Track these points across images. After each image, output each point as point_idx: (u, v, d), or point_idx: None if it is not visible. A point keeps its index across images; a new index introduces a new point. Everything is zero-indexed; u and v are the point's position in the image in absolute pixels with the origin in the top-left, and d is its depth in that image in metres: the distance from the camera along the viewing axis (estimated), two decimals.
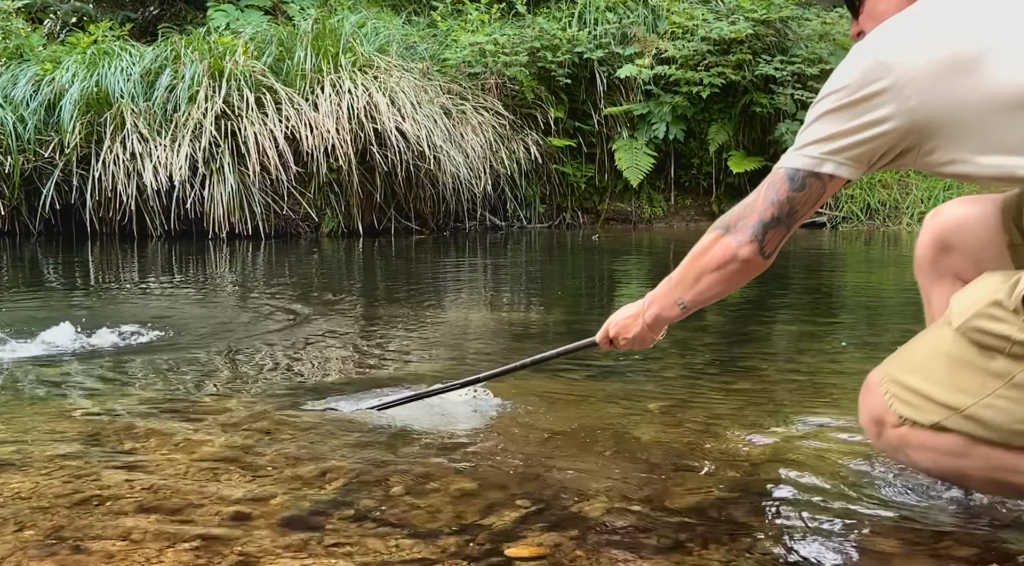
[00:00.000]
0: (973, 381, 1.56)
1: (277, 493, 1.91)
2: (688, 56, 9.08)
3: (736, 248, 1.70)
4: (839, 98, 1.56)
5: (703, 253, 1.77)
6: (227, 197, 7.93)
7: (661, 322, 1.96)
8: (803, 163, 1.62)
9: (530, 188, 9.36)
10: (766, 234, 1.67)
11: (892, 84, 1.51)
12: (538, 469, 2.12)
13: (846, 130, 1.56)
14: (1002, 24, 1.53)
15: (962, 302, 1.60)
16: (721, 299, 1.88)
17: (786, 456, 2.16)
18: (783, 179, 1.64)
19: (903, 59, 1.52)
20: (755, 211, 1.67)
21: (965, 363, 1.57)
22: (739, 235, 1.69)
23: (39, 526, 1.73)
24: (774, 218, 1.66)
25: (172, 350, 3.60)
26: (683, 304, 1.86)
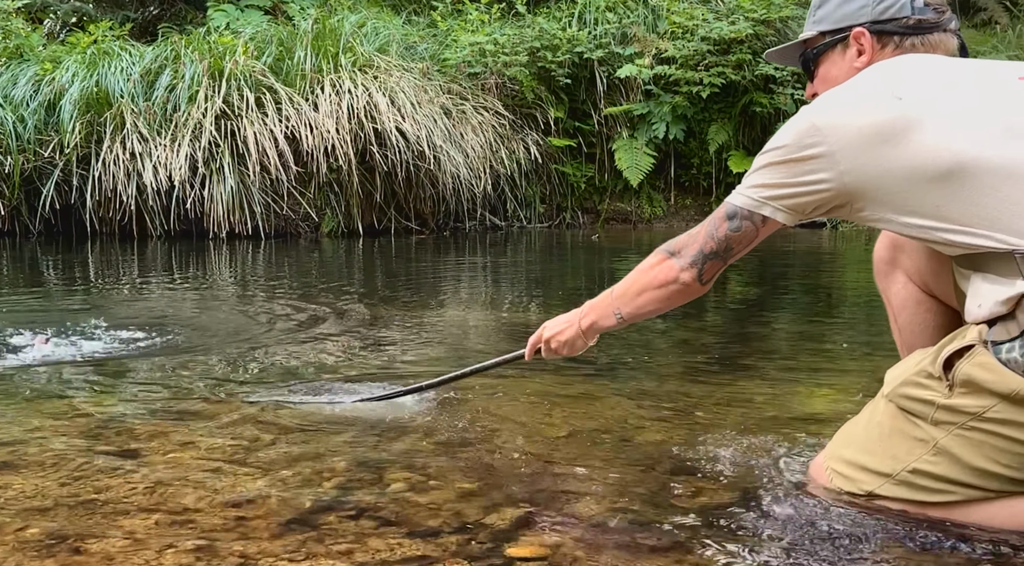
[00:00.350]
0: (901, 447, 1.68)
1: (277, 493, 1.91)
2: (688, 56, 9.08)
3: (678, 271, 1.84)
4: (780, 154, 1.68)
5: (648, 271, 1.90)
6: (227, 197, 7.93)
7: (596, 329, 2.07)
8: (743, 202, 1.75)
9: (530, 188, 9.36)
10: (704, 264, 1.81)
11: (826, 151, 1.63)
12: (538, 469, 2.12)
13: (784, 183, 1.69)
14: (935, 96, 1.63)
15: (893, 372, 1.74)
16: (658, 314, 2.02)
17: (786, 456, 2.16)
18: (723, 217, 1.78)
19: (837, 127, 1.63)
20: (697, 241, 1.82)
21: (896, 431, 1.69)
22: (682, 260, 1.84)
23: (39, 526, 1.73)
24: (712, 251, 1.80)
25: (174, 351, 3.60)
26: (620, 315, 1.99)
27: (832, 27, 1.85)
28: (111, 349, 3.60)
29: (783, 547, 1.65)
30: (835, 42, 1.85)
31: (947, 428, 1.61)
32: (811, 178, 1.66)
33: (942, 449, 1.62)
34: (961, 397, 1.59)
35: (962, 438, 1.60)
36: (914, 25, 1.78)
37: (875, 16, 1.80)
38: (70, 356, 3.44)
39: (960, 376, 1.59)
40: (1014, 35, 9.84)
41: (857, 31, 1.81)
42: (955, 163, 1.57)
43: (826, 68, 1.87)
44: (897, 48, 1.79)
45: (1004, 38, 9.79)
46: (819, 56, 1.88)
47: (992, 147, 1.58)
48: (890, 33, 1.79)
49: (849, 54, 1.83)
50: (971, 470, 1.61)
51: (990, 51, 9.44)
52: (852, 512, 1.77)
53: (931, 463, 1.64)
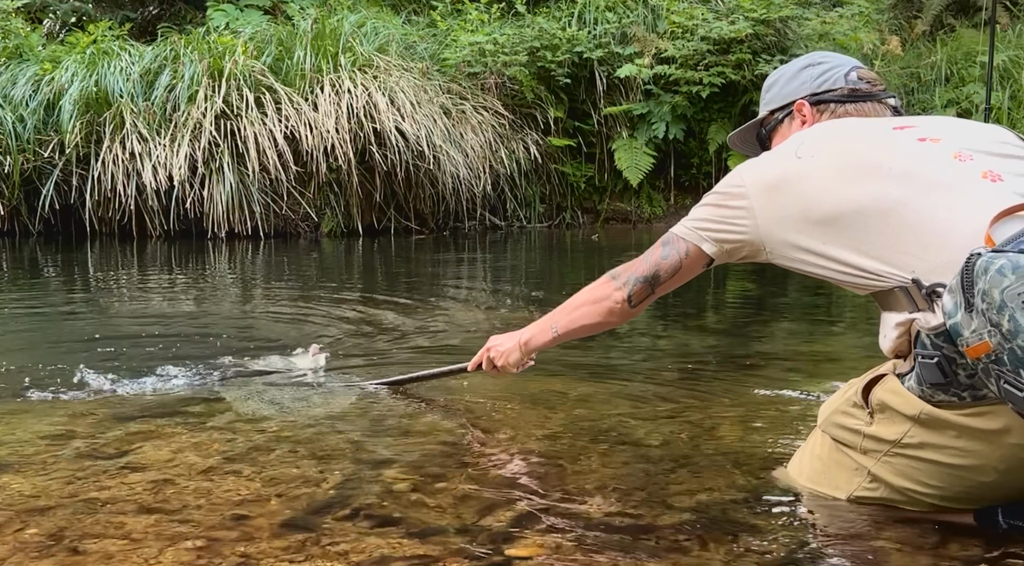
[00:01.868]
0: (841, 477, 1.81)
1: (277, 493, 1.91)
2: (688, 56, 9.08)
3: (612, 290, 1.99)
4: (715, 199, 1.88)
5: (588, 289, 2.06)
6: (227, 197, 7.93)
7: (533, 345, 2.24)
8: (678, 231, 1.92)
9: (530, 188, 9.36)
10: (635, 286, 1.96)
11: (747, 204, 1.82)
12: (538, 469, 2.12)
13: (715, 219, 1.87)
14: (826, 150, 1.81)
15: (825, 405, 1.87)
16: (591, 334, 2.15)
17: (786, 456, 2.16)
18: (659, 244, 1.94)
19: (754, 182, 1.83)
20: (634, 265, 1.97)
21: (834, 462, 1.83)
22: (618, 281, 1.98)
23: (39, 526, 1.73)
24: (643, 275, 1.95)
25: (176, 352, 3.60)
26: (556, 330, 2.14)
27: (779, 104, 2.05)
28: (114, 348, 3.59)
29: (783, 547, 1.65)
30: (782, 117, 2.04)
31: (875, 456, 1.72)
32: (735, 223, 1.83)
33: (876, 476, 1.73)
34: (880, 425, 1.70)
35: (889, 465, 1.71)
36: (848, 94, 1.97)
37: (813, 89, 2.00)
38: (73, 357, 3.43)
39: (875, 401, 1.71)
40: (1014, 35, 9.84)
41: (798, 103, 2.00)
42: (835, 207, 1.72)
43: (777, 140, 2.04)
44: (832, 114, 1.97)
45: (1004, 38, 9.79)
46: (771, 131, 2.07)
47: (873, 191, 1.71)
48: (826, 101, 1.98)
49: (795, 125, 2.01)
50: (906, 493, 1.71)
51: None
52: (854, 512, 1.77)
53: (870, 490, 1.75)
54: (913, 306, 1.63)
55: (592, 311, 2.04)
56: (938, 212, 1.65)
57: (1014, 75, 9.33)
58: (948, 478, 1.65)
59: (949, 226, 1.63)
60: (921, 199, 1.67)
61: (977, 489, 1.64)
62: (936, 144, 1.75)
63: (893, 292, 1.66)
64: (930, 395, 1.61)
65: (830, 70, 2.01)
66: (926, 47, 10.13)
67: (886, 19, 10.28)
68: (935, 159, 1.72)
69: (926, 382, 1.61)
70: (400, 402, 2.69)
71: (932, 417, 1.62)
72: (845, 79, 1.99)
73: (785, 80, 2.05)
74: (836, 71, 2.00)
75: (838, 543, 1.67)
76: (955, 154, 1.72)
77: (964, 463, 1.62)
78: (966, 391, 1.57)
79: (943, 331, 1.54)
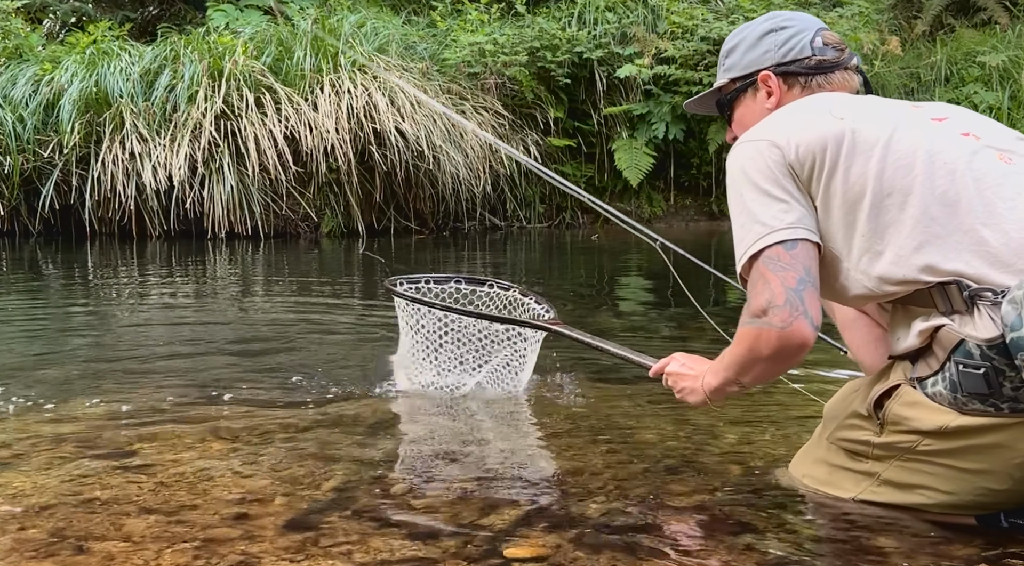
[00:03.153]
0: (847, 481, 1.78)
1: (277, 493, 1.91)
2: (688, 56, 9.08)
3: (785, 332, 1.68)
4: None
5: (750, 346, 1.74)
6: (226, 197, 7.93)
7: (717, 394, 1.90)
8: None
9: (530, 188, 9.35)
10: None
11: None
12: (537, 469, 2.12)
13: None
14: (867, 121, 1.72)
15: (829, 415, 1.84)
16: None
17: (787, 456, 2.16)
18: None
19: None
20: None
21: (838, 467, 1.80)
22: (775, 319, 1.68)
23: (40, 526, 1.73)
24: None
25: (176, 352, 3.60)
26: (742, 385, 1.84)
27: (741, 73, 1.95)
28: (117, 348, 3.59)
29: (783, 547, 1.65)
30: (745, 86, 1.95)
31: (888, 461, 1.70)
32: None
33: (886, 481, 1.71)
34: (892, 435, 1.67)
35: (902, 469, 1.69)
36: (816, 65, 1.88)
37: (779, 59, 1.90)
38: (74, 357, 3.43)
39: (890, 416, 1.67)
40: (1014, 35, 9.84)
41: (763, 74, 1.91)
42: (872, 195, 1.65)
43: (741, 112, 1.97)
44: (804, 89, 1.89)
45: (1004, 38, 9.79)
46: (733, 102, 1.99)
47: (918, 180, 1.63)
48: (794, 74, 1.89)
49: (759, 97, 1.93)
50: (915, 497, 1.69)
51: (990, 51, 9.44)
52: (854, 511, 1.77)
53: (875, 493, 1.74)
54: (947, 307, 1.58)
55: (776, 367, 1.74)
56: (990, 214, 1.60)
57: (1014, 75, 9.32)
58: (961, 484, 1.63)
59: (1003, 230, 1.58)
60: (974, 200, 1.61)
61: (988, 495, 1.63)
62: (978, 141, 1.69)
63: (926, 291, 1.61)
64: (963, 403, 1.57)
65: (794, 36, 1.90)
66: (926, 47, 10.13)
67: (886, 19, 10.27)
68: (983, 158, 1.66)
69: (964, 391, 1.56)
70: (400, 403, 2.69)
71: (956, 428, 1.58)
72: (811, 47, 1.89)
73: (746, 46, 1.95)
74: (801, 38, 1.90)
75: (838, 543, 1.67)
76: (999, 155, 1.67)
77: (981, 469, 1.59)
78: (1006, 403, 1.53)
79: (999, 344, 1.50)
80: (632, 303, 5.26)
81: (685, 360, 2.02)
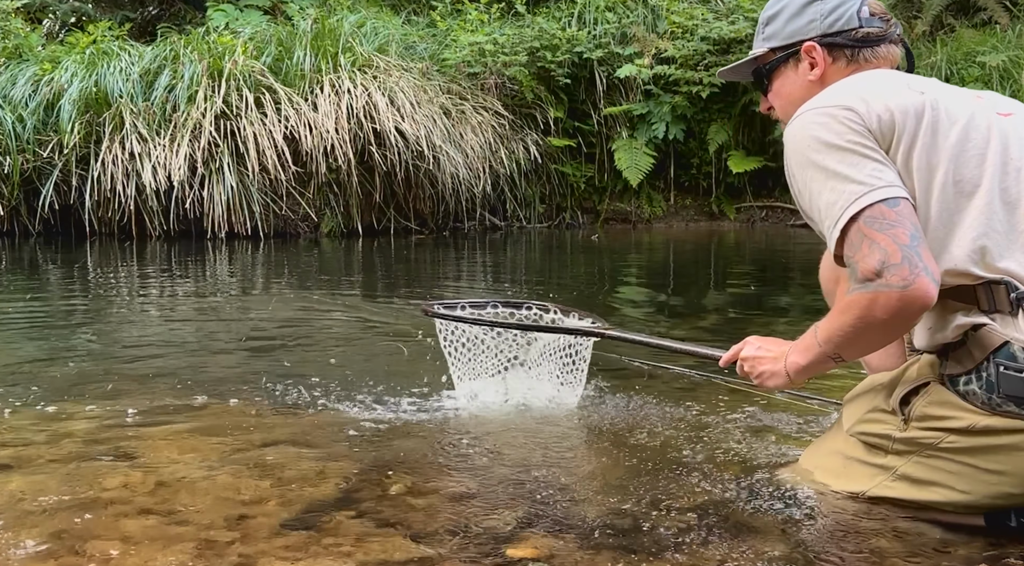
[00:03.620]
0: (862, 474, 1.76)
1: (277, 494, 1.91)
2: (688, 56, 9.07)
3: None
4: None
5: (861, 313, 1.59)
6: (226, 197, 7.92)
7: (805, 373, 1.80)
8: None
9: (530, 188, 9.35)
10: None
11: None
12: (537, 470, 2.12)
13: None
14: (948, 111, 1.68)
15: (850, 408, 1.81)
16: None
17: (786, 456, 2.16)
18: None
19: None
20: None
21: (854, 459, 1.78)
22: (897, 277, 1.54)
23: (39, 527, 1.73)
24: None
25: (176, 352, 3.60)
26: (841, 359, 1.73)
27: (782, 43, 1.86)
28: (119, 349, 3.59)
29: (783, 547, 1.65)
30: (786, 57, 1.86)
31: (907, 456, 1.69)
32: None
33: (902, 476, 1.70)
34: (916, 431, 1.66)
35: (921, 465, 1.67)
36: (863, 38, 1.81)
37: (824, 29, 1.81)
38: (72, 357, 3.43)
39: (916, 413, 1.65)
40: (1014, 35, 9.84)
41: (808, 45, 1.83)
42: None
43: (780, 83, 1.89)
44: (850, 63, 1.81)
45: (1004, 38, 9.79)
46: (772, 72, 1.90)
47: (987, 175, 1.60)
48: (840, 46, 1.81)
49: (802, 68, 1.85)
50: (929, 494, 1.67)
51: (990, 51, 9.44)
52: (853, 513, 1.76)
53: (890, 487, 1.72)
54: (990, 306, 1.56)
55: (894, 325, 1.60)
56: None
57: (1014, 75, 9.32)
58: (978, 484, 1.61)
59: None
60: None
61: (1003, 497, 1.61)
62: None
63: (972, 287, 1.58)
64: (997, 404, 1.55)
65: (841, 5, 1.81)
66: (926, 47, 10.12)
67: None
68: None
69: (1002, 393, 1.54)
70: (400, 404, 2.69)
71: (983, 428, 1.57)
72: (859, 18, 1.80)
73: (789, 14, 1.85)
74: (848, 7, 1.81)
75: (839, 542, 1.66)
76: None
77: (1001, 470, 1.58)
78: None
79: None
80: (633, 302, 5.27)
81: (761, 342, 1.91)
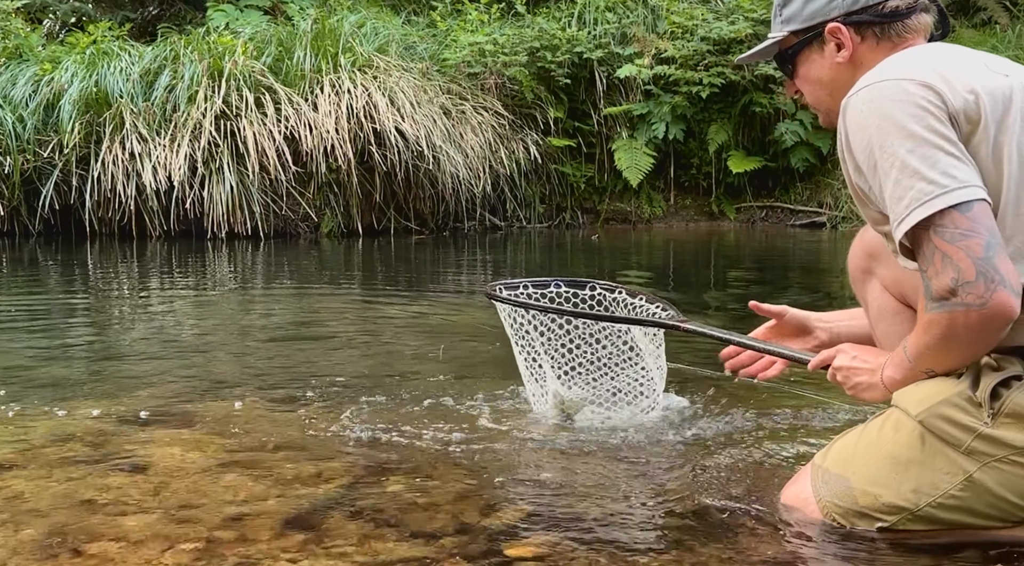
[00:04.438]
0: (925, 479, 1.58)
1: (277, 494, 1.91)
2: (688, 56, 9.07)
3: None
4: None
5: (943, 334, 1.53)
6: (226, 197, 7.92)
7: (902, 385, 1.68)
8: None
9: (530, 188, 9.35)
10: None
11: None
12: (537, 470, 2.12)
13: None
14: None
15: (919, 393, 1.60)
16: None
17: (787, 456, 2.16)
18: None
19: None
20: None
21: (916, 462, 1.58)
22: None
23: (40, 527, 1.73)
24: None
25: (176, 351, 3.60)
26: (936, 373, 1.63)
27: (803, 26, 1.75)
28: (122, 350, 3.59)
29: (784, 547, 1.65)
30: (809, 39, 1.75)
31: (981, 459, 1.53)
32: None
33: (975, 482, 1.54)
34: (1004, 428, 1.51)
35: (999, 471, 1.53)
36: (891, 11, 1.68)
37: (847, 7, 1.70)
38: (73, 356, 3.43)
39: (1011, 406, 1.51)
40: (1014, 35, 9.84)
41: (832, 26, 1.71)
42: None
43: (806, 68, 1.78)
44: (881, 40, 1.69)
45: (1004, 38, 9.79)
46: (795, 56, 1.78)
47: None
48: (868, 23, 1.69)
49: (828, 51, 1.73)
50: (1002, 503, 1.55)
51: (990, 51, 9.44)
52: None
53: (958, 498, 1.56)
54: None
55: (983, 343, 1.54)
56: None
57: None
58: None
59: None
60: None
61: None
62: None
63: None
64: None
65: None
66: None
67: None
68: None
69: None
70: (399, 404, 2.69)
71: None
72: None
73: None
74: None
75: (839, 541, 1.66)
76: None
77: None
78: None
79: None
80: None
81: (856, 352, 1.79)
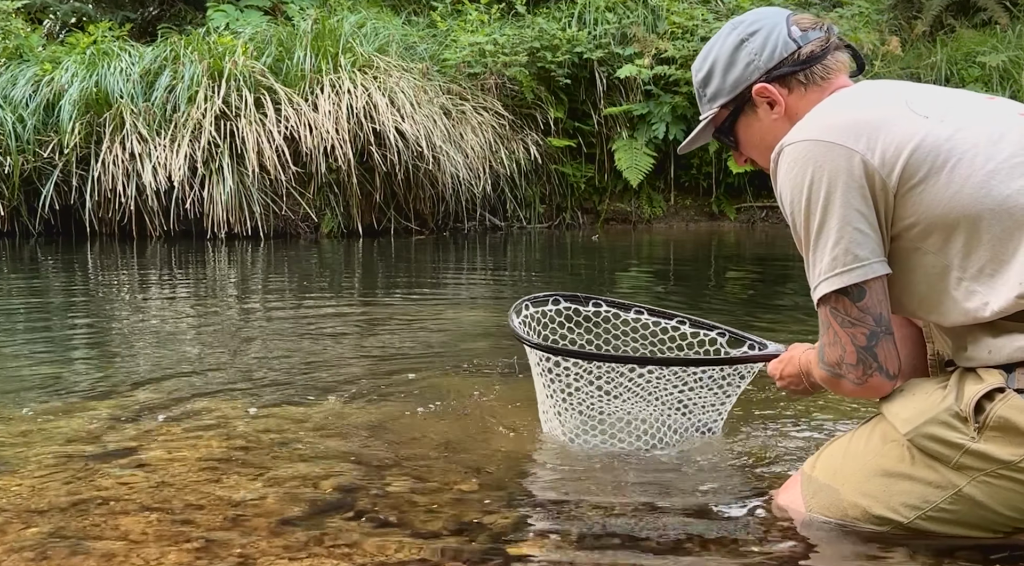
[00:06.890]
0: (914, 494, 1.60)
1: (277, 493, 1.91)
2: (688, 56, 9.06)
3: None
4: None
5: (831, 387, 1.72)
6: (226, 197, 7.92)
7: (819, 388, 1.89)
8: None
9: (530, 188, 9.35)
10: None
11: None
12: (537, 470, 2.12)
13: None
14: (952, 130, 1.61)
15: (906, 411, 1.62)
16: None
17: (786, 456, 2.16)
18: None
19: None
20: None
21: (905, 476, 1.61)
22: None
23: (40, 526, 1.73)
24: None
25: (176, 351, 3.60)
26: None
27: (730, 97, 1.79)
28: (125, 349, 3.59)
29: (784, 547, 1.65)
30: (740, 107, 1.79)
31: (970, 474, 1.55)
32: None
33: (965, 496, 1.57)
34: (991, 443, 1.53)
35: (988, 485, 1.55)
36: (807, 57, 1.73)
37: (766, 66, 1.74)
38: (72, 356, 3.43)
39: (995, 419, 1.52)
40: (1014, 35, 9.84)
41: (758, 87, 1.75)
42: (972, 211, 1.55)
43: (747, 134, 1.82)
44: (808, 86, 1.73)
45: (1004, 38, 9.79)
46: (732, 127, 1.83)
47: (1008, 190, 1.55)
48: (789, 74, 1.74)
49: (762, 112, 1.77)
50: (992, 516, 1.57)
51: (990, 51, 9.44)
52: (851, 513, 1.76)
53: (948, 511, 1.59)
54: None
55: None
56: None
57: (1014, 75, 9.32)
58: None
59: None
60: None
61: None
62: None
63: None
64: None
65: (770, 36, 1.74)
66: (926, 47, 10.12)
67: (886, 19, 10.27)
68: None
69: None
70: (399, 404, 2.69)
71: None
72: (792, 40, 1.73)
73: (723, 67, 1.79)
74: (777, 34, 1.74)
75: (839, 541, 1.66)
76: None
77: None
78: None
79: None
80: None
81: (796, 355, 1.98)
